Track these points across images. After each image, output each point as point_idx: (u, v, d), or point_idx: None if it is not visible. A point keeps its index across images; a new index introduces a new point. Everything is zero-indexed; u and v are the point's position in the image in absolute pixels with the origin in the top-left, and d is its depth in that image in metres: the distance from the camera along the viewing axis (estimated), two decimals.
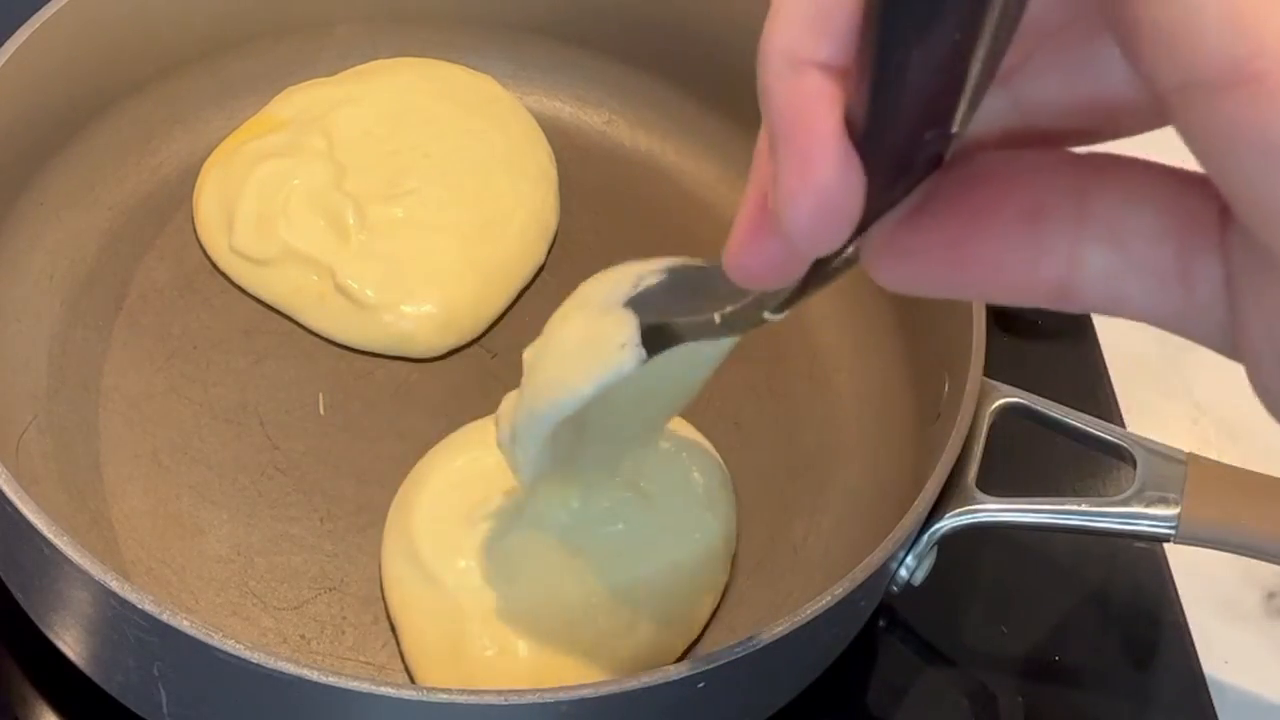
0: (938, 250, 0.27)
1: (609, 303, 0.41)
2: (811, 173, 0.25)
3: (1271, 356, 0.25)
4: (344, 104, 0.63)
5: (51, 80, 0.58)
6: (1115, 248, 0.26)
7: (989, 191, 0.27)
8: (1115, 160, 0.27)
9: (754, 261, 0.28)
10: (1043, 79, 0.27)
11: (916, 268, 0.28)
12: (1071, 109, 0.27)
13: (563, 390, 0.42)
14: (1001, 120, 0.27)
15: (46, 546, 0.44)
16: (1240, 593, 0.60)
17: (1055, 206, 0.26)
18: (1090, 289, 0.26)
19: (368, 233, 0.60)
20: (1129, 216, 0.26)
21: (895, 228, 0.28)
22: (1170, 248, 0.26)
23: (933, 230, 0.27)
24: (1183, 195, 0.26)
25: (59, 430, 0.55)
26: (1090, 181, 0.26)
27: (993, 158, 0.27)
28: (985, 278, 0.27)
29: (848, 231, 0.25)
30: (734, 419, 0.59)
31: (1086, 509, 0.51)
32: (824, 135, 0.25)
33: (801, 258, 0.28)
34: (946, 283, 0.28)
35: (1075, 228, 0.26)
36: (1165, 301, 0.26)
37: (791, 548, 0.56)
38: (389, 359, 0.59)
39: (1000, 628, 0.57)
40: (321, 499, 0.55)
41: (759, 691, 0.50)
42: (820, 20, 0.25)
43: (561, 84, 0.68)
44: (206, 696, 0.46)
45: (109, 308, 0.59)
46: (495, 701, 0.43)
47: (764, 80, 0.26)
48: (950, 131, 0.25)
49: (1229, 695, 0.57)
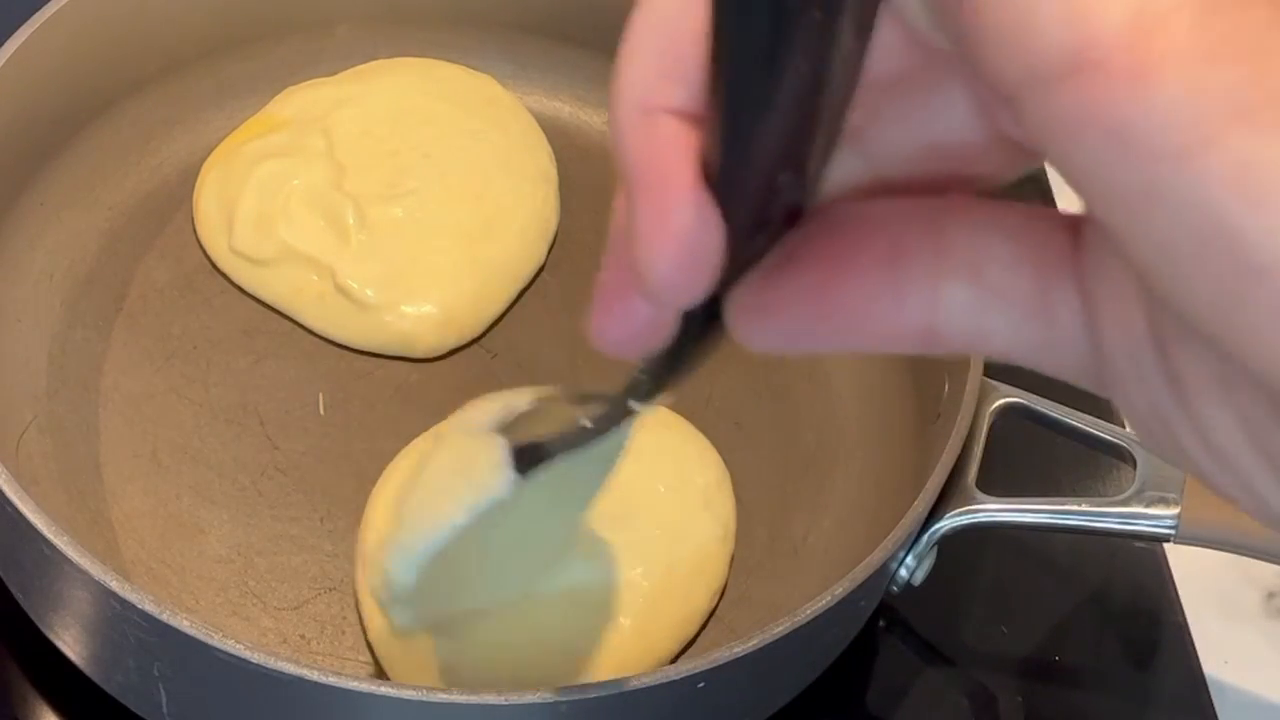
0: (800, 303, 0.27)
1: (477, 430, 0.40)
2: (669, 219, 0.24)
3: (1135, 379, 0.25)
4: (344, 104, 0.63)
5: (51, 80, 0.58)
6: (974, 280, 0.26)
7: (847, 239, 0.27)
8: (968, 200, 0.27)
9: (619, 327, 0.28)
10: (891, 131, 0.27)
11: (781, 323, 0.27)
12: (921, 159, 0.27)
13: (432, 521, 0.40)
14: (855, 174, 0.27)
15: (46, 546, 0.44)
16: (1240, 593, 0.60)
17: (913, 246, 0.26)
18: (953, 326, 0.26)
19: (368, 233, 0.60)
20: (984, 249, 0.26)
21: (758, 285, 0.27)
22: (1027, 276, 0.26)
23: (794, 282, 0.27)
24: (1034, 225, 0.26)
25: (59, 430, 0.55)
26: (945, 219, 0.26)
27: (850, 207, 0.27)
28: (850, 326, 0.27)
29: (708, 280, 0.25)
30: (734, 419, 0.59)
31: (1086, 509, 0.51)
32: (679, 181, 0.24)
33: (665, 315, 0.28)
34: (812, 336, 0.27)
35: (934, 264, 0.26)
36: (1028, 334, 0.26)
37: (791, 548, 0.56)
38: (389, 359, 0.59)
39: (1000, 628, 0.57)
40: (321, 499, 0.55)
41: (759, 691, 0.50)
42: (670, 66, 0.25)
43: (561, 84, 0.68)
44: (206, 696, 0.46)
45: (109, 308, 0.59)
46: (495, 701, 0.43)
47: (616, 129, 0.25)
48: (804, 180, 0.25)
49: (1229, 695, 0.57)
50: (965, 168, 0.27)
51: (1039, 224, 0.26)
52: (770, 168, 0.25)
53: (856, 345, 0.27)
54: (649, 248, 0.25)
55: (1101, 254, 0.25)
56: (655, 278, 0.25)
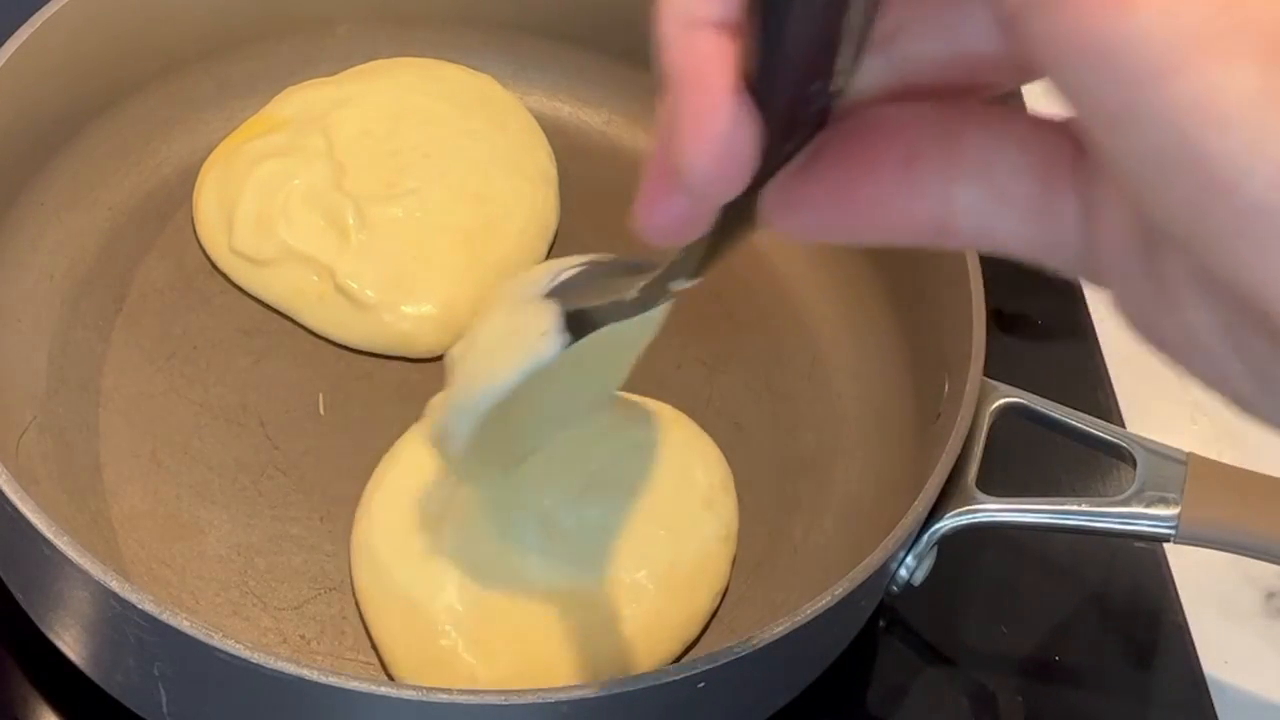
0: (826, 197, 0.30)
1: (529, 295, 0.43)
2: (709, 122, 0.27)
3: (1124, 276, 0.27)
4: (344, 104, 0.63)
5: (51, 80, 0.58)
6: (983, 183, 0.28)
7: (870, 141, 0.29)
8: (981, 107, 0.29)
9: (661, 217, 0.31)
10: (917, 39, 0.29)
11: (808, 215, 0.30)
12: (943, 66, 0.29)
13: (488, 380, 0.43)
14: (881, 80, 0.30)
15: (46, 546, 0.44)
16: (1240, 593, 0.60)
17: (928, 149, 0.29)
18: (963, 223, 0.29)
19: (368, 233, 0.60)
20: (994, 154, 0.28)
21: (788, 180, 0.30)
22: (1032, 181, 0.28)
23: (821, 179, 0.30)
24: (1041, 134, 0.28)
25: (59, 430, 0.55)
26: (959, 125, 0.29)
27: (873, 112, 0.30)
28: (869, 219, 0.30)
29: (745, 176, 0.27)
30: (734, 419, 0.59)
31: (1086, 509, 0.51)
32: (718, 87, 0.27)
33: (705, 208, 0.30)
34: (837, 227, 0.30)
35: (946, 168, 0.29)
36: (1031, 232, 0.28)
37: (791, 548, 0.56)
38: (389, 359, 0.59)
39: (1000, 628, 0.57)
40: (321, 499, 0.55)
41: (759, 691, 0.50)
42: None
43: (561, 84, 0.68)
44: (206, 696, 0.46)
45: (109, 308, 0.59)
46: (495, 701, 0.43)
47: (660, 40, 0.28)
48: (834, 86, 0.28)
49: (1229, 695, 0.57)
50: (984, 75, 0.30)
51: (1045, 132, 0.28)
52: (802, 75, 0.27)
53: (875, 237, 0.30)
54: (690, 147, 0.27)
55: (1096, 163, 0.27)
56: (696, 175, 0.27)
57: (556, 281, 0.43)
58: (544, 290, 0.42)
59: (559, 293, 0.42)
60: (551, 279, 0.43)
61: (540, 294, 0.42)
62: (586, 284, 0.42)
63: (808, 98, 0.28)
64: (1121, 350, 0.66)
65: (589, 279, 0.43)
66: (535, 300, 0.42)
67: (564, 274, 0.43)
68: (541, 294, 0.42)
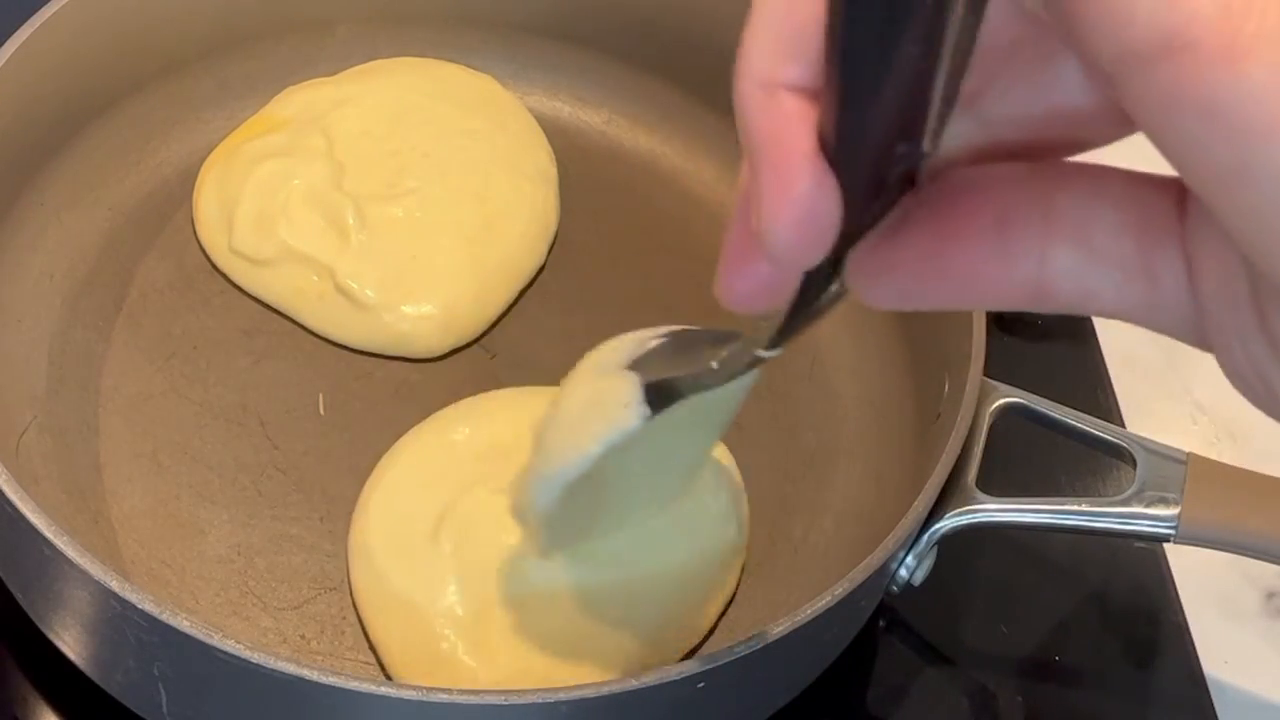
0: (916, 264, 0.29)
1: (611, 366, 0.42)
2: (790, 187, 0.26)
3: (1236, 338, 0.26)
4: (344, 104, 0.63)
5: (51, 80, 0.58)
6: (1081, 246, 0.27)
7: (961, 205, 0.29)
8: (1075, 165, 0.28)
9: (742, 284, 0.30)
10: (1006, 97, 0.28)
11: (898, 283, 0.29)
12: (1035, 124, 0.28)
13: (570, 452, 0.42)
14: (970, 139, 0.29)
15: (46, 546, 0.44)
16: (1240, 593, 0.60)
17: (1022, 212, 0.28)
18: (1062, 288, 0.28)
19: (368, 233, 0.60)
20: (1091, 215, 0.27)
21: (876, 246, 0.29)
22: (1132, 242, 0.27)
23: (911, 245, 0.29)
24: (1140, 192, 0.27)
25: (59, 430, 0.55)
26: (1053, 186, 0.28)
27: (963, 173, 0.29)
28: (964, 286, 0.29)
29: (827, 243, 0.27)
30: (734, 419, 0.58)
31: (1086, 509, 0.51)
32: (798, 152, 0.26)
33: (787, 275, 0.30)
34: (928, 295, 0.29)
35: (1043, 230, 0.28)
36: (1133, 295, 0.27)
37: (792, 548, 0.56)
38: (389, 359, 0.59)
39: (1000, 628, 0.57)
40: (321, 499, 0.55)
41: (759, 691, 0.50)
42: (791, 44, 0.27)
43: (561, 84, 0.68)
44: (206, 696, 0.46)
45: (109, 308, 0.59)
46: (496, 701, 0.43)
47: (740, 104, 0.27)
48: (920, 149, 0.27)
49: (1229, 695, 0.57)
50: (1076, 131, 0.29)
51: (1144, 190, 0.27)
52: (884, 137, 0.26)
53: (968, 302, 0.29)
54: (771, 214, 0.27)
55: (1203, 220, 0.26)
56: (777, 240, 0.27)
57: (640, 353, 0.42)
58: (626, 361, 0.42)
59: (641, 364, 0.42)
60: (634, 350, 0.42)
61: (622, 365, 0.42)
62: (669, 355, 0.42)
63: (893, 160, 0.27)
64: (1121, 350, 0.66)
65: (671, 350, 0.42)
66: (617, 371, 0.42)
67: (648, 345, 0.43)
68: (623, 365, 0.42)
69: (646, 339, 0.43)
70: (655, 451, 0.44)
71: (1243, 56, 0.22)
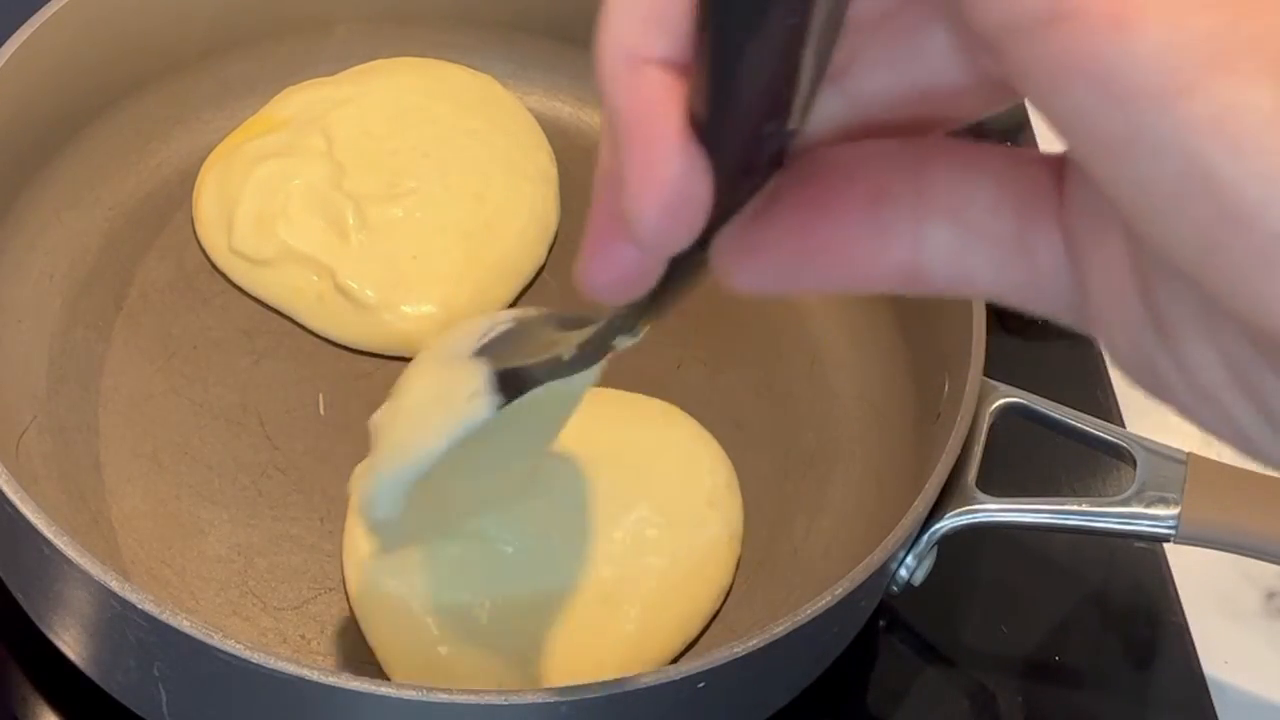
0: (785, 244, 0.28)
1: (456, 354, 0.40)
2: (657, 169, 0.25)
3: (1119, 318, 0.25)
4: (344, 104, 0.63)
5: (51, 80, 0.58)
6: (955, 222, 0.26)
7: (830, 181, 0.27)
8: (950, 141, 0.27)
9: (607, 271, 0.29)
10: (873, 73, 0.27)
11: (766, 264, 0.28)
12: (903, 100, 0.27)
13: (416, 446, 0.40)
14: (837, 117, 0.28)
15: (46, 546, 0.44)
16: (1240, 593, 0.60)
17: (894, 187, 0.27)
18: (937, 267, 0.27)
19: (368, 233, 0.60)
20: (966, 190, 0.26)
21: (744, 228, 0.28)
22: (1009, 218, 0.26)
23: (778, 224, 0.28)
24: (1017, 168, 0.26)
25: (59, 430, 0.55)
26: (928, 162, 0.27)
27: (832, 150, 0.28)
28: (834, 266, 0.28)
29: (697, 226, 0.26)
30: (734, 419, 0.59)
31: (1086, 509, 0.51)
32: (667, 131, 0.25)
33: (653, 260, 0.28)
34: (796, 276, 0.28)
35: (915, 207, 0.27)
36: (1010, 274, 0.26)
37: (791, 547, 0.56)
38: (389, 359, 0.59)
39: (1000, 628, 0.57)
40: (321, 499, 0.55)
41: (759, 691, 0.50)
42: (656, 17, 0.25)
43: (561, 84, 0.68)
44: (206, 696, 0.46)
45: (109, 308, 0.59)
46: (496, 701, 0.43)
47: (603, 81, 0.26)
48: (789, 126, 0.26)
49: (1229, 695, 0.57)
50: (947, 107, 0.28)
51: (1021, 165, 0.26)
52: (756, 115, 0.25)
53: (840, 285, 0.28)
54: (638, 197, 0.25)
55: (1084, 195, 0.25)
56: (645, 225, 0.25)
57: (486, 339, 0.40)
58: (473, 348, 0.40)
59: (488, 351, 0.40)
60: (479, 337, 0.41)
61: (468, 353, 0.40)
62: (517, 341, 0.40)
63: (762, 138, 0.26)
64: None
65: (519, 335, 0.40)
66: (463, 359, 0.40)
67: (495, 330, 0.41)
68: (469, 353, 0.40)
69: (492, 324, 0.41)
70: (500, 439, 0.41)
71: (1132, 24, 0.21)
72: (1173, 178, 0.22)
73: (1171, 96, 0.21)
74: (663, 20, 0.25)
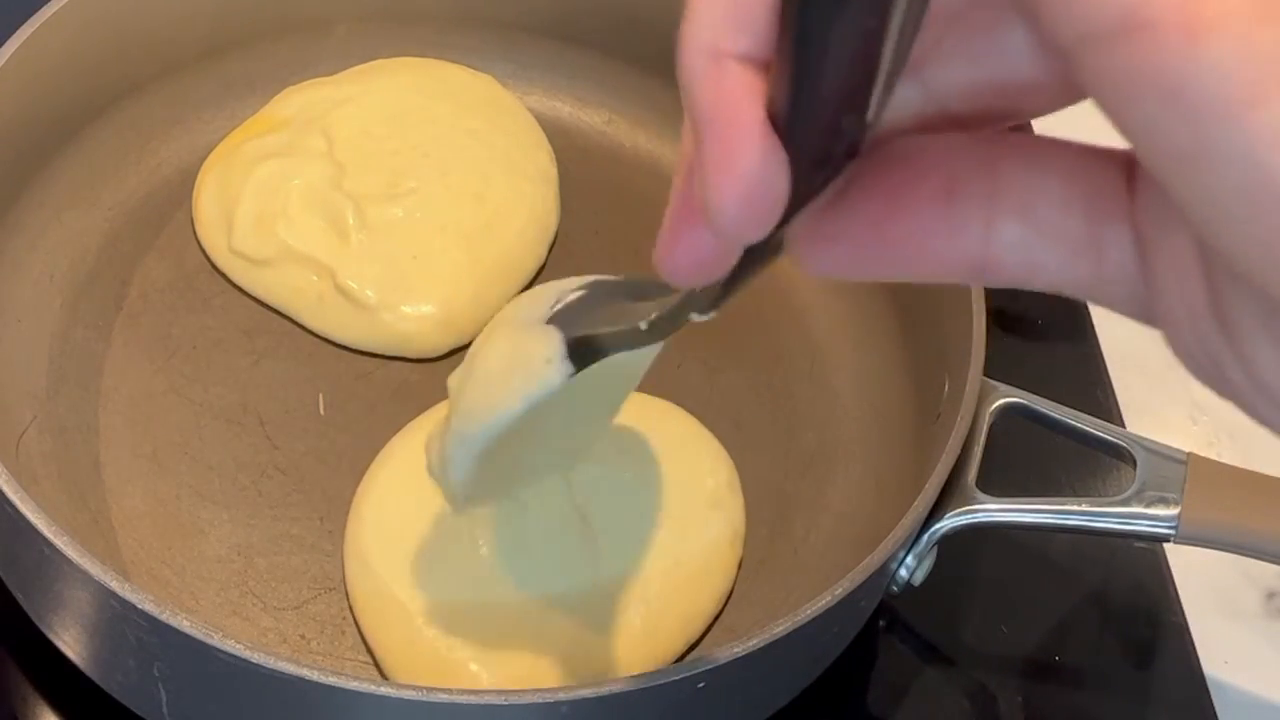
0: (859, 233, 0.28)
1: (530, 320, 0.41)
2: (737, 162, 0.26)
3: (1185, 316, 0.26)
4: (344, 104, 0.63)
5: (51, 80, 0.58)
6: (1026, 218, 0.27)
7: (905, 174, 0.28)
8: (1023, 137, 0.28)
9: (684, 257, 0.29)
10: (951, 65, 0.28)
11: (840, 251, 0.29)
12: (980, 92, 0.28)
13: (490, 411, 0.41)
14: (913, 107, 0.28)
15: (46, 546, 0.44)
16: (1240, 593, 0.60)
17: (968, 183, 0.27)
18: (1007, 260, 0.27)
19: (368, 233, 0.60)
20: (1038, 187, 0.27)
21: (818, 215, 0.28)
22: (1079, 216, 0.27)
23: (853, 214, 0.28)
24: (1089, 165, 0.27)
25: (59, 430, 0.55)
26: (1000, 157, 0.27)
27: (907, 142, 0.28)
28: (906, 256, 0.28)
29: (775, 218, 0.26)
30: (734, 419, 0.59)
31: (1086, 509, 0.51)
32: (747, 125, 0.26)
33: (730, 248, 0.29)
34: (869, 265, 0.29)
35: (988, 202, 0.27)
36: (1079, 269, 0.27)
37: (792, 547, 0.56)
38: (389, 359, 0.59)
39: (1000, 628, 0.57)
40: (321, 499, 0.55)
41: (759, 691, 0.50)
42: (738, 14, 0.26)
43: (561, 84, 0.68)
44: (206, 696, 0.46)
45: (109, 308, 0.59)
46: (496, 701, 0.43)
47: (685, 75, 0.26)
48: (866, 118, 0.26)
49: (1229, 695, 0.57)
50: (1021, 100, 0.28)
51: (1093, 163, 0.27)
52: (836, 109, 0.26)
53: (911, 274, 0.29)
54: (718, 188, 0.26)
55: (1155, 196, 0.25)
56: (723, 216, 0.26)
57: (559, 305, 0.41)
58: (546, 315, 0.41)
59: (561, 318, 0.41)
60: (553, 303, 0.41)
61: (542, 319, 0.41)
62: (590, 308, 0.41)
63: (840, 131, 0.26)
64: (1121, 350, 0.66)
65: (592, 302, 0.41)
66: (537, 325, 0.41)
67: (567, 297, 0.42)
68: (543, 319, 0.41)
69: (566, 290, 0.42)
70: (570, 406, 0.42)
71: (1202, 37, 0.21)
72: (1240, 189, 0.22)
73: (1240, 108, 0.21)
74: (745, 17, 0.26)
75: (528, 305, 0.42)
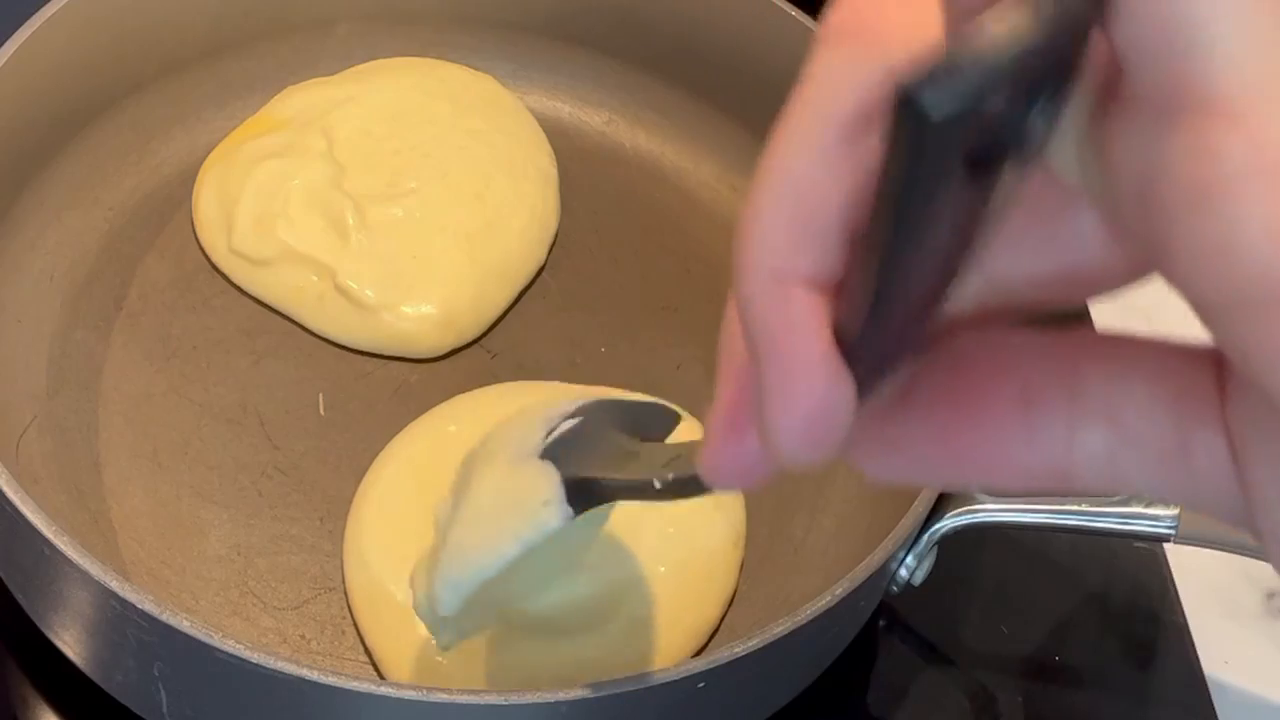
0: (926, 441, 0.26)
1: (523, 453, 0.40)
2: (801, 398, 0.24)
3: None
4: (344, 104, 0.63)
5: (51, 80, 0.58)
6: (1110, 425, 0.24)
7: (976, 378, 0.26)
8: (1102, 336, 0.26)
9: (732, 463, 0.27)
10: (1015, 254, 0.25)
11: (903, 460, 0.26)
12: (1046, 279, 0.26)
13: (483, 553, 0.40)
14: (976, 297, 0.26)
15: (46, 546, 0.44)
16: (1240, 593, 0.60)
17: (1047, 388, 0.25)
18: (1089, 470, 0.25)
19: (368, 233, 0.60)
20: (1120, 390, 0.24)
21: (880, 419, 0.26)
22: (1165, 419, 0.24)
23: (919, 421, 0.26)
24: (1175, 366, 0.24)
25: (59, 430, 0.55)
26: (1079, 359, 0.25)
27: (976, 339, 0.26)
28: (979, 467, 0.26)
29: (838, 446, 0.25)
30: None
31: (1086, 509, 0.51)
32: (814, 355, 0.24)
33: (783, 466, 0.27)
34: (938, 473, 0.26)
35: (1069, 409, 0.25)
36: (1166, 476, 0.24)
37: (792, 547, 0.56)
38: (389, 359, 0.59)
39: (1000, 628, 0.57)
40: (321, 499, 0.55)
41: (759, 691, 0.50)
42: (803, 231, 0.24)
43: (561, 84, 0.68)
44: (206, 696, 0.46)
45: (109, 308, 0.59)
46: (496, 701, 0.43)
47: (747, 298, 0.24)
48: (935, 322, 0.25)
49: (1229, 695, 0.57)
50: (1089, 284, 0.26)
51: (1178, 362, 0.24)
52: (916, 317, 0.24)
53: (982, 484, 0.26)
54: (779, 418, 0.24)
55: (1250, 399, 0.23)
56: (784, 447, 0.24)
57: (553, 436, 0.40)
58: (539, 446, 0.40)
59: (556, 451, 0.39)
60: (545, 432, 0.40)
61: (535, 451, 0.39)
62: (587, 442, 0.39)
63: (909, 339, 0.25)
64: None
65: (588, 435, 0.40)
66: (532, 461, 0.39)
67: (560, 426, 0.40)
68: (537, 451, 0.39)
69: (557, 417, 0.40)
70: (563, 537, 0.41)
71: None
72: None
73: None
74: (811, 234, 0.24)
75: (519, 434, 0.41)
